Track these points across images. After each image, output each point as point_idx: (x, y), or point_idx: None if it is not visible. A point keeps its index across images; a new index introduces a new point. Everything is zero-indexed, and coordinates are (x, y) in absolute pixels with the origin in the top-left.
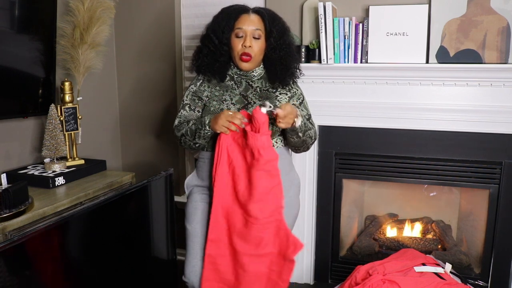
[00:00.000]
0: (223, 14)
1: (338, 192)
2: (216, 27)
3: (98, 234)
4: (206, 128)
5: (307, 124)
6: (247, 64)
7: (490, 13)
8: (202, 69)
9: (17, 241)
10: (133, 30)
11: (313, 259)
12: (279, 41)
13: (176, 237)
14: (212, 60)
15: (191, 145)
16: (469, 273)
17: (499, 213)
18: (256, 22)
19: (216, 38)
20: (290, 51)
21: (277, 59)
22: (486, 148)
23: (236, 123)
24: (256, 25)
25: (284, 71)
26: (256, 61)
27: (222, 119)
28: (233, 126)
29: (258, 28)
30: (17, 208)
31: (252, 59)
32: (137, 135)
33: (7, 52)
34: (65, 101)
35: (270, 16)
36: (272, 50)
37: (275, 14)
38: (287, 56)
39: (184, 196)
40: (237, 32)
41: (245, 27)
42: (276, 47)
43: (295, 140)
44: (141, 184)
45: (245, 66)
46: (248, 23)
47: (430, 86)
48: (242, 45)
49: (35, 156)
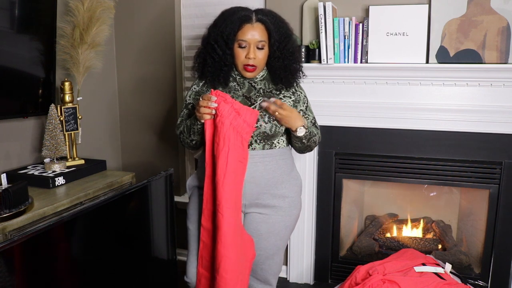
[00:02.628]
0: (226, 22)
1: (338, 192)
2: (218, 37)
3: (98, 234)
4: (197, 123)
5: (312, 131)
6: (251, 73)
7: (490, 13)
8: (207, 78)
9: (17, 241)
10: (133, 30)
11: (313, 259)
12: (282, 51)
13: (176, 237)
14: (216, 69)
15: (188, 143)
16: (469, 273)
17: (499, 213)
18: (260, 32)
19: (220, 49)
20: (293, 58)
21: (280, 67)
22: (486, 148)
23: (203, 105)
24: (260, 36)
25: (287, 73)
26: (260, 69)
27: (196, 108)
28: (205, 110)
29: (262, 40)
30: (17, 208)
31: (256, 69)
32: (137, 135)
33: (7, 52)
34: (65, 101)
35: (274, 24)
36: (275, 59)
37: (278, 19)
38: (291, 64)
39: (184, 196)
40: (241, 43)
41: (248, 38)
42: (279, 57)
43: (299, 145)
44: (141, 184)
45: (249, 76)
46: (251, 34)
47: (430, 86)
48: (246, 57)
49: (35, 156)
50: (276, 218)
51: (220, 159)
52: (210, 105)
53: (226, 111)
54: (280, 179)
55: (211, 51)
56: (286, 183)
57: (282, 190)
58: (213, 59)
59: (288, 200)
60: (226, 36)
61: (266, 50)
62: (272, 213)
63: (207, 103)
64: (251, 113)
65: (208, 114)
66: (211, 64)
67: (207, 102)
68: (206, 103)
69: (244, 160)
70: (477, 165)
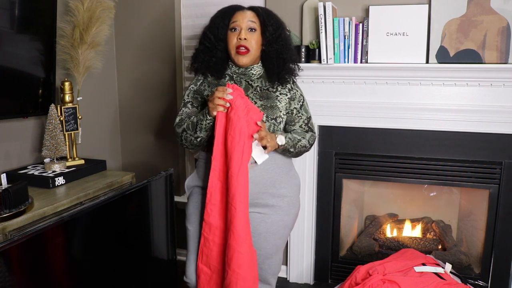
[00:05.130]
0: (219, 13)
1: (338, 192)
2: (212, 25)
3: (98, 234)
4: (207, 118)
5: (294, 138)
6: (244, 57)
7: (490, 13)
8: (199, 67)
9: (17, 241)
10: (133, 30)
11: (313, 259)
12: (274, 35)
13: (176, 237)
14: (208, 56)
15: (192, 140)
16: (469, 273)
17: (499, 213)
18: (251, 16)
19: (212, 34)
20: (286, 45)
21: (273, 52)
22: (486, 148)
23: (219, 96)
24: (250, 18)
25: (281, 66)
26: (254, 56)
27: (210, 100)
28: (220, 101)
29: (253, 20)
30: (17, 208)
31: (249, 53)
32: (137, 135)
33: (7, 52)
34: (65, 101)
35: (265, 12)
36: (268, 44)
37: (270, 11)
38: (284, 49)
39: (184, 196)
40: (232, 26)
41: (239, 19)
42: (272, 41)
43: (290, 155)
44: (141, 184)
45: (242, 60)
46: (242, 16)
47: (430, 86)
48: (237, 38)
49: (35, 156)
50: (275, 217)
51: (235, 153)
52: (226, 97)
53: (241, 106)
54: (279, 178)
55: (203, 39)
56: (285, 182)
57: (281, 190)
58: (205, 45)
59: (287, 200)
60: (219, 22)
61: (259, 35)
62: (271, 213)
63: (223, 94)
64: (258, 113)
65: (222, 106)
66: (202, 50)
67: (223, 94)
68: (222, 94)
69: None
70: (477, 165)
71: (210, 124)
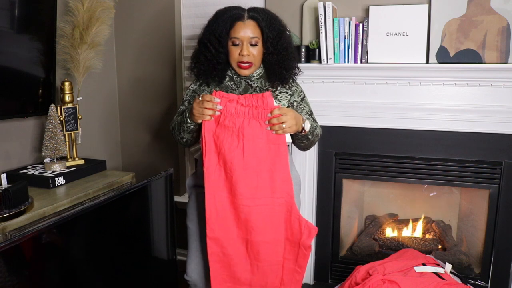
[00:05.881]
0: (218, 21)
1: (338, 192)
2: (211, 36)
3: (98, 234)
4: (188, 121)
5: (313, 124)
6: (247, 71)
7: (490, 13)
8: (200, 76)
9: (17, 241)
10: (133, 30)
11: (313, 259)
12: (276, 46)
13: (176, 237)
14: (209, 67)
15: (179, 140)
16: (469, 273)
17: (499, 213)
18: (252, 29)
19: (213, 47)
20: (288, 54)
21: (275, 63)
22: (486, 148)
23: (208, 107)
24: (252, 32)
25: (283, 73)
26: (256, 66)
27: (195, 108)
28: (208, 112)
29: (255, 36)
30: (17, 208)
31: (252, 65)
32: (137, 135)
33: (7, 52)
34: (65, 101)
35: (266, 20)
36: (270, 55)
37: (271, 16)
38: (285, 59)
39: (184, 196)
40: (234, 41)
41: (241, 35)
42: (273, 52)
43: (305, 143)
44: (141, 184)
45: (245, 73)
46: (244, 31)
47: (430, 86)
48: (240, 54)
49: (35, 156)
50: None
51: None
52: (216, 107)
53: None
54: None
55: (204, 50)
56: None
57: None
58: (206, 57)
59: None
60: (219, 34)
61: (260, 46)
62: None
63: (212, 105)
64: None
65: (208, 116)
66: (204, 62)
67: (212, 104)
68: (211, 105)
69: (277, 142)
70: (477, 165)
71: (191, 127)
